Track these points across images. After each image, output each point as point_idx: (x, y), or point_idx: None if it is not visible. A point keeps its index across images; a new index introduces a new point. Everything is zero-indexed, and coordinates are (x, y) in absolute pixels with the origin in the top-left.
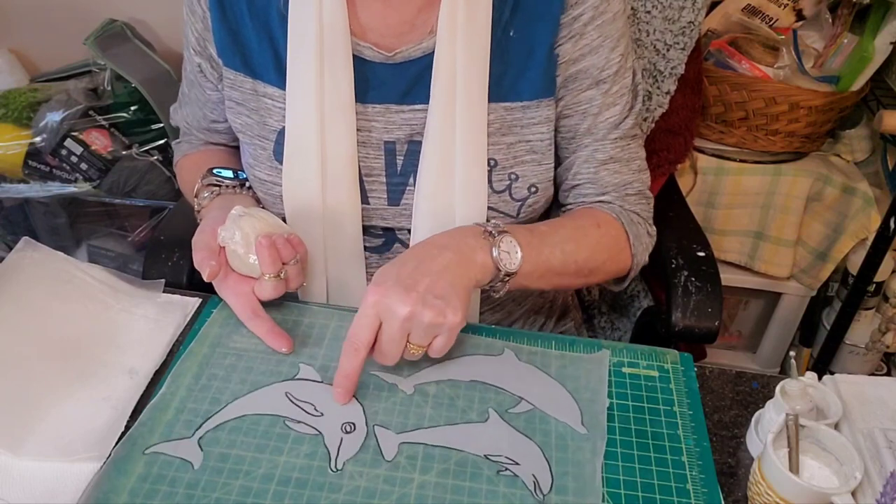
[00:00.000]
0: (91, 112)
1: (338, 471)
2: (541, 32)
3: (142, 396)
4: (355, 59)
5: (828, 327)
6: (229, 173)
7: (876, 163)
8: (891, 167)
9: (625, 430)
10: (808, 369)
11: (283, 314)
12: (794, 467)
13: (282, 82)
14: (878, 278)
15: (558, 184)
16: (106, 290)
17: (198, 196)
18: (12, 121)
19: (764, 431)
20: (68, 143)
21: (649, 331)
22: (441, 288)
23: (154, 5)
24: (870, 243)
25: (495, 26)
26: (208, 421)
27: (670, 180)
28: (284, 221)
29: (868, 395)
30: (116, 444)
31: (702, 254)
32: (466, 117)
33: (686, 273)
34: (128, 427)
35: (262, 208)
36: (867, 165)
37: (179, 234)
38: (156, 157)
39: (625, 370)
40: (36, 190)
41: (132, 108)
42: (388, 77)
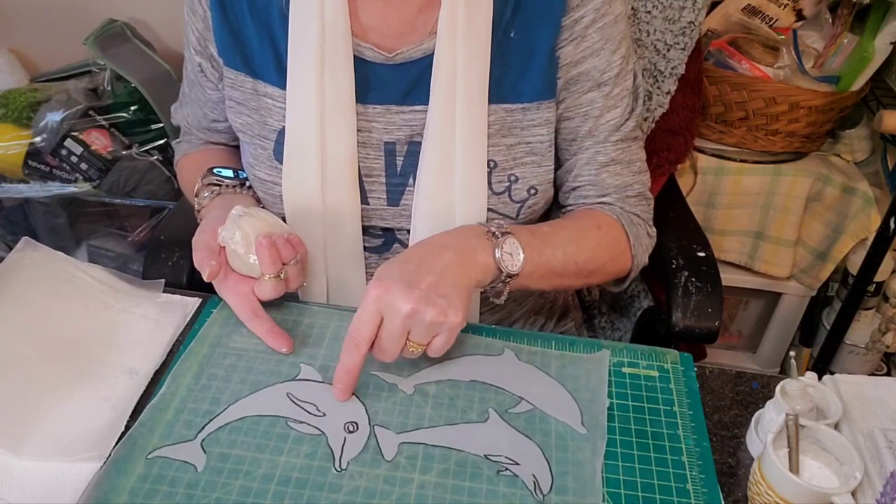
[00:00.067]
0: (91, 112)
1: (342, 470)
2: (542, 34)
3: (142, 396)
4: (356, 59)
5: (828, 327)
6: (229, 173)
7: (876, 163)
8: (891, 167)
9: (625, 430)
10: (808, 369)
11: (283, 314)
12: (794, 467)
13: (282, 82)
14: (878, 278)
15: (559, 185)
16: (106, 290)
17: (198, 195)
18: (12, 121)
19: (764, 431)
20: (68, 143)
21: (649, 331)
22: (443, 287)
23: (154, 5)
24: (870, 243)
25: (496, 27)
26: (211, 423)
27: (670, 180)
28: (284, 221)
29: (868, 395)
30: (116, 445)
31: (702, 254)
32: (466, 118)
33: (686, 273)
34: (128, 427)
35: (263, 208)
36: (867, 165)
37: (179, 233)
38: (156, 157)
39: (625, 370)
40: (36, 190)
41: (132, 108)
42: (388, 78)
